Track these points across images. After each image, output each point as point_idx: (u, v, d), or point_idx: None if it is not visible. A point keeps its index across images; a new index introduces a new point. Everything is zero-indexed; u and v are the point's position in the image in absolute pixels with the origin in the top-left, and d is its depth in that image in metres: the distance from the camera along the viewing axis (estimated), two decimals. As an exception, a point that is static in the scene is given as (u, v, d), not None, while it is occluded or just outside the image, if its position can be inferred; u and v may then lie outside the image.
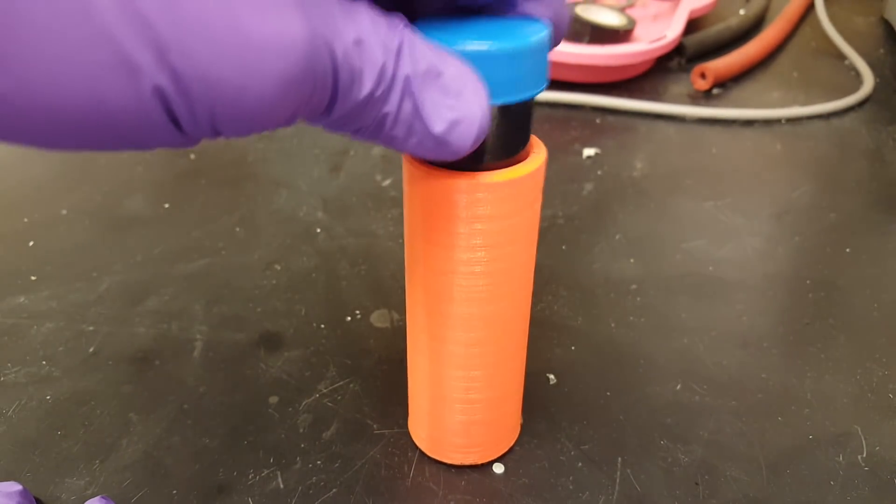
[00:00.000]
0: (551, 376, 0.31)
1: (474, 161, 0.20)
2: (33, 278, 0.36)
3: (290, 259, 0.37)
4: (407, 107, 0.16)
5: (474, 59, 0.17)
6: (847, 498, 0.26)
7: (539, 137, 0.22)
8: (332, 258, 0.38)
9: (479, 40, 0.17)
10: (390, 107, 0.15)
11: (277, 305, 0.34)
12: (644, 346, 0.32)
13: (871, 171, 0.46)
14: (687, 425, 0.28)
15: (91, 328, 0.33)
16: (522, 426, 0.28)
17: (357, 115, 0.15)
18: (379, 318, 0.34)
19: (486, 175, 0.20)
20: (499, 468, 0.27)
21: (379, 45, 0.15)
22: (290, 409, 0.29)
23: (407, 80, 0.15)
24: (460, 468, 0.27)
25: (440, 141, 0.17)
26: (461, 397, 0.25)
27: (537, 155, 0.21)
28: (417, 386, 0.26)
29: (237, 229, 0.40)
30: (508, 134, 0.20)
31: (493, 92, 0.18)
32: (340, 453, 0.27)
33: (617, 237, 0.40)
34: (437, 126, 0.16)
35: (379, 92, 0.15)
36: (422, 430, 0.27)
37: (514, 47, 0.18)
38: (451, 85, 0.16)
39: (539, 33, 0.18)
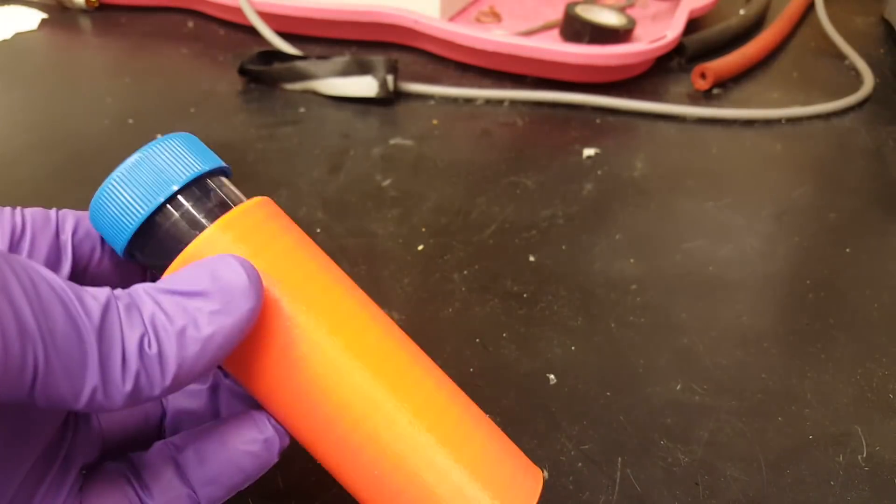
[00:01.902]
0: (551, 376, 0.31)
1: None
2: (33, 278, 0.36)
3: (290, 259, 0.37)
4: (163, 313, 0.17)
5: (112, 190, 0.21)
6: (847, 498, 0.26)
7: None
8: (332, 258, 0.38)
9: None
10: (146, 314, 0.17)
11: (277, 305, 0.34)
12: (644, 346, 0.32)
13: (871, 171, 0.46)
14: (687, 425, 0.28)
15: (91, 328, 0.33)
16: (522, 425, 0.28)
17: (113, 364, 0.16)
18: (379, 318, 0.34)
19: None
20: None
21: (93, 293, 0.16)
22: (290, 409, 0.29)
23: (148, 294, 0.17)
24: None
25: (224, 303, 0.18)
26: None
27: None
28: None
29: (237, 229, 0.40)
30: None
31: (143, 201, 0.21)
32: (340, 453, 0.27)
33: (617, 237, 0.40)
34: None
35: (119, 313, 0.16)
36: None
37: (127, 164, 0.21)
38: (199, 277, 0.18)
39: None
